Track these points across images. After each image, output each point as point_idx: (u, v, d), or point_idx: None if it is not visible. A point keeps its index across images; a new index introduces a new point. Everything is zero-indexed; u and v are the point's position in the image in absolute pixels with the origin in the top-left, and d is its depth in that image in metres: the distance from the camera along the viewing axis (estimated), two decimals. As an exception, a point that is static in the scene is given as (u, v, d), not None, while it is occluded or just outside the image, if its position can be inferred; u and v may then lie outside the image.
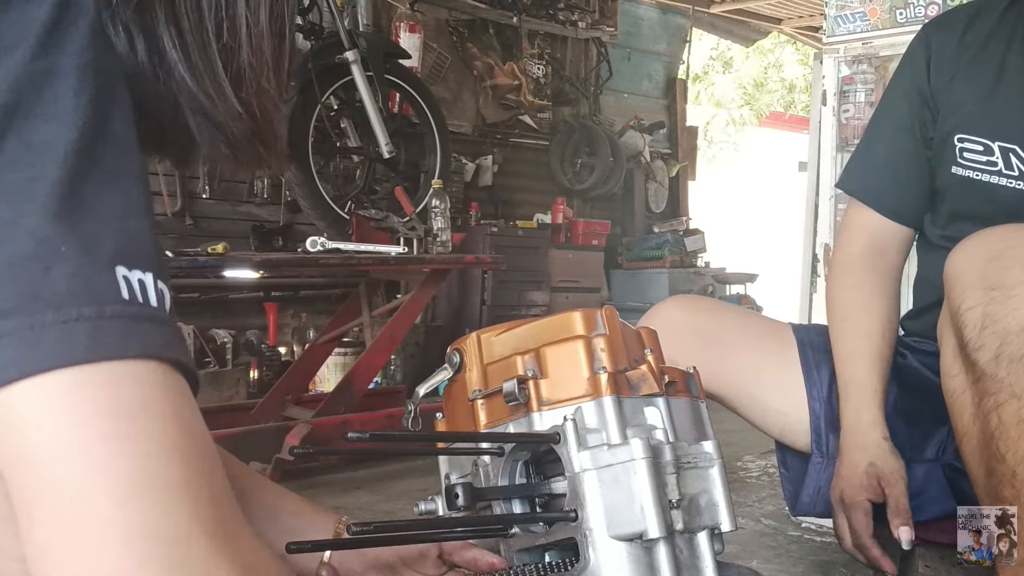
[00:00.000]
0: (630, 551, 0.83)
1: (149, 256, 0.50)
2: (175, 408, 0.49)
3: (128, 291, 0.48)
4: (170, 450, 0.47)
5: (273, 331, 4.57)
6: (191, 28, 0.57)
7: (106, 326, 0.47)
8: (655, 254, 6.65)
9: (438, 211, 3.42)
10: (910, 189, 1.44)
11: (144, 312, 0.48)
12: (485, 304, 5.24)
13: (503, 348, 0.95)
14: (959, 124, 1.36)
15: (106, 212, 0.49)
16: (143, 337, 0.48)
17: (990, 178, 1.33)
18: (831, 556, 2.07)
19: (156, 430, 0.47)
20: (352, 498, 2.61)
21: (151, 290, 0.49)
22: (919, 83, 1.42)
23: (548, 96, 6.42)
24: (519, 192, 6.29)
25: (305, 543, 0.86)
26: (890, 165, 1.46)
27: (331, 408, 2.96)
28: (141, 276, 0.49)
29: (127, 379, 0.47)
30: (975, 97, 1.34)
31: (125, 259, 0.49)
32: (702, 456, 0.91)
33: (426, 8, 5.60)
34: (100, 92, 0.50)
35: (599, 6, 6.85)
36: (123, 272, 0.48)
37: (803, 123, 8.55)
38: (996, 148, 1.31)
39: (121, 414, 0.46)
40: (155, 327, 0.49)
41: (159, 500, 0.46)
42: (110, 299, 0.47)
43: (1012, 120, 1.29)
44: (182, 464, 0.47)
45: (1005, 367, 1.05)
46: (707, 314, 1.57)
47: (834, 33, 3.91)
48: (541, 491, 0.90)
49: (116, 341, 0.47)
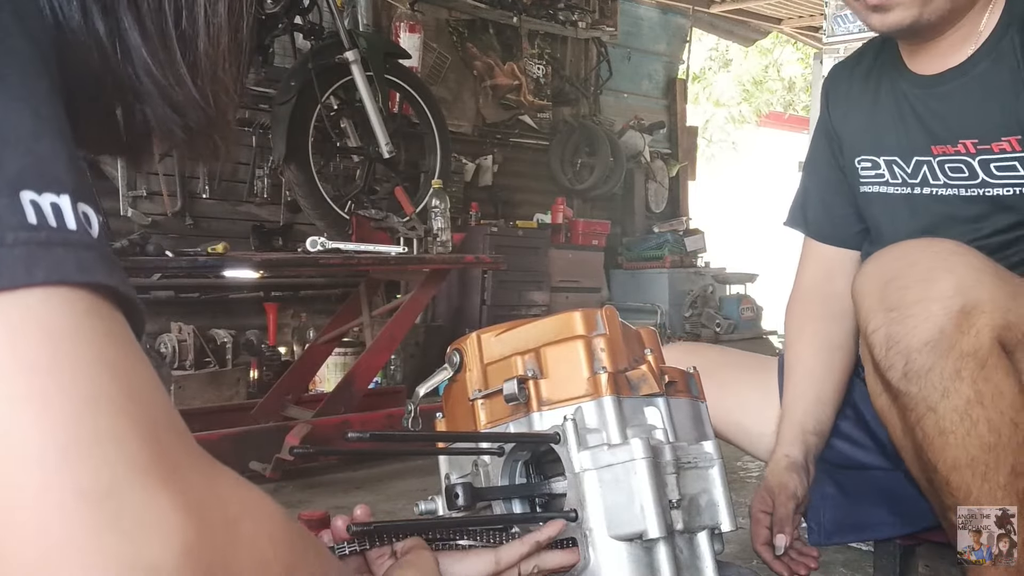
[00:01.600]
0: (630, 551, 0.83)
1: (63, 178, 0.45)
2: (94, 340, 0.44)
3: (37, 215, 0.43)
4: (87, 396, 0.43)
5: (273, 331, 4.57)
6: (150, 12, 0.54)
7: (6, 254, 0.42)
8: (655, 254, 6.66)
9: (438, 211, 3.42)
10: (842, 214, 1.55)
11: (55, 236, 0.44)
12: (485, 304, 5.24)
13: (503, 348, 0.95)
14: (854, 147, 1.50)
15: (8, 132, 0.44)
16: (53, 263, 0.43)
17: (880, 188, 1.46)
18: (831, 556, 2.07)
19: (68, 373, 0.43)
20: (352, 498, 2.61)
21: (68, 213, 0.45)
22: (827, 126, 1.57)
23: (548, 96, 6.43)
24: (519, 192, 6.29)
25: (305, 543, 0.86)
26: (820, 196, 1.59)
27: (331, 408, 2.96)
28: (55, 199, 0.44)
29: (30, 311, 0.42)
30: (861, 122, 1.49)
31: (32, 182, 0.44)
32: (702, 456, 0.91)
33: (426, 8, 5.60)
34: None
35: (599, 6, 6.85)
36: (30, 196, 0.44)
37: (803, 123, 8.56)
38: (881, 162, 1.45)
39: (25, 358, 0.42)
40: (69, 251, 0.44)
41: (80, 456, 0.42)
42: (12, 225, 0.43)
43: (887, 136, 1.44)
44: (106, 407, 0.43)
45: (916, 383, 1.13)
46: (693, 351, 1.72)
47: (834, 33, 3.92)
48: (541, 491, 0.90)
49: (18, 270, 0.42)
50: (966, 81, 1.33)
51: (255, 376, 4.19)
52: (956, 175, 1.35)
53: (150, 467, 0.44)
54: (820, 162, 1.59)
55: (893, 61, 1.44)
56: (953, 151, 1.34)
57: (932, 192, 1.39)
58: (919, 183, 1.40)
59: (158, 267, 3.21)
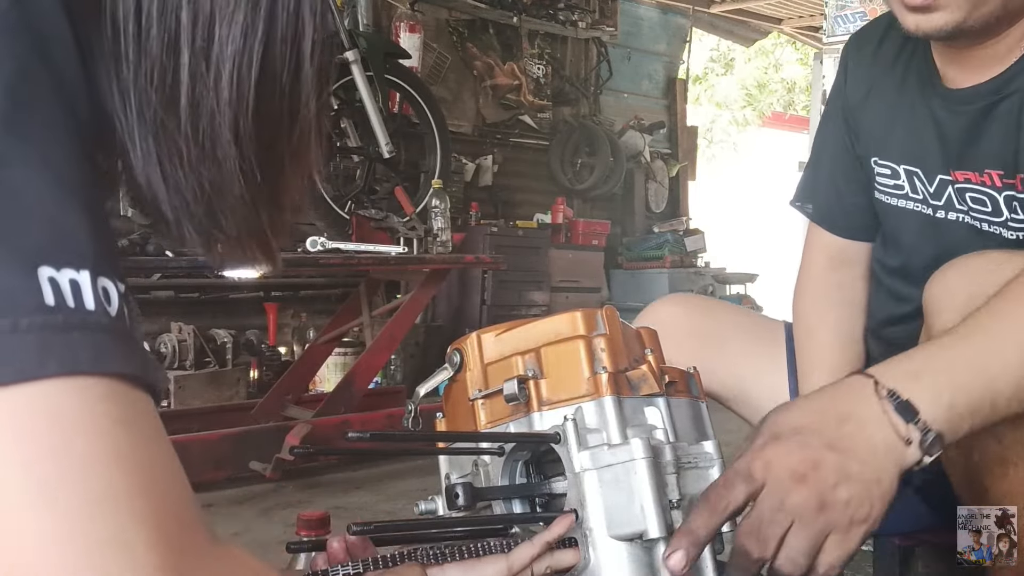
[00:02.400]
0: (630, 551, 0.83)
1: (85, 250, 0.43)
2: (106, 431, 0.41)
3: (55, 295, 0.41)
4: (95, 496, 0.40)
5: (273, 331, 4.56)
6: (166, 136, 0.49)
7: (19, 342, 0.39)
8: (655, 254, 6.66)
9: (438, 211, 3.42)
10: (857, 207, 1.43)
11: (72, 319, 0.41)
12: (485, 304, 5.24)
13: (503, 348, 0.95)
14: (872, 143, 1.37)
15: (31, 201, 0.41)
16: (68, 351, 0.41)
17: (898, 202, 1.34)
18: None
19: (76, 470, 0.40)
20: (352, 498, 2.61)
21: (87, 291, 0.42)
22: (843, 99, 1.43)
23: (548, 96, 6.43)
24: (519, 192, 6.30)
25: (304, 543, 0.86)
26: (833, 184, 1.46)
27: (331, 408, 2.96)
28: (74, 275, 0.42)
29: (39, 403, 0.40)
30: (880, 118, 1.36)
31: (52, 257, 0.41)
32: (702, 456, 0.91)
33: (426, 8, 5.60)
34: (26, 65, 0.43)
35: (599, 6, 6.85)
36: (49, 273, 0.41)
37: (803, 123, 8.56)
38: (901, 172, 1.32)
39: (32, 453, 0.40)
40: (86, 335, 0.41)
41: (84, 565, 0.40)
42: (29, 308, 0.40)
43: (909, 142, 1.30)
44: (113, 508, 0.41)
45: None
46: (703, 314, 1.57)
47: (834, 33, 3.92)
48: (541, 491, 0.90)
49: (31, 360, 0.40)
50: (997, 101, 1.19)
51: (255, 376, 4.19)
52: (978, 207, 1.23)
53: (168, 564, 0.42)
54: (832, 143, 1.45)
55: (924, 55, 1.29)
56: (978, 180, 1.22)
57: (957, 219, 1.26)
58: (943, 206, 1.27)
59: (158, 267, 3.21)
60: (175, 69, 0.48)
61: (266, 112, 0.51)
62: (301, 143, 0.54)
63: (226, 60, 0.49)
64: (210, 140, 0.50)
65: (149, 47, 0.48)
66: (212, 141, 0.50)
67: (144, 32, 0.48)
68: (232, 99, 0.50)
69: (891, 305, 1.40)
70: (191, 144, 0.50)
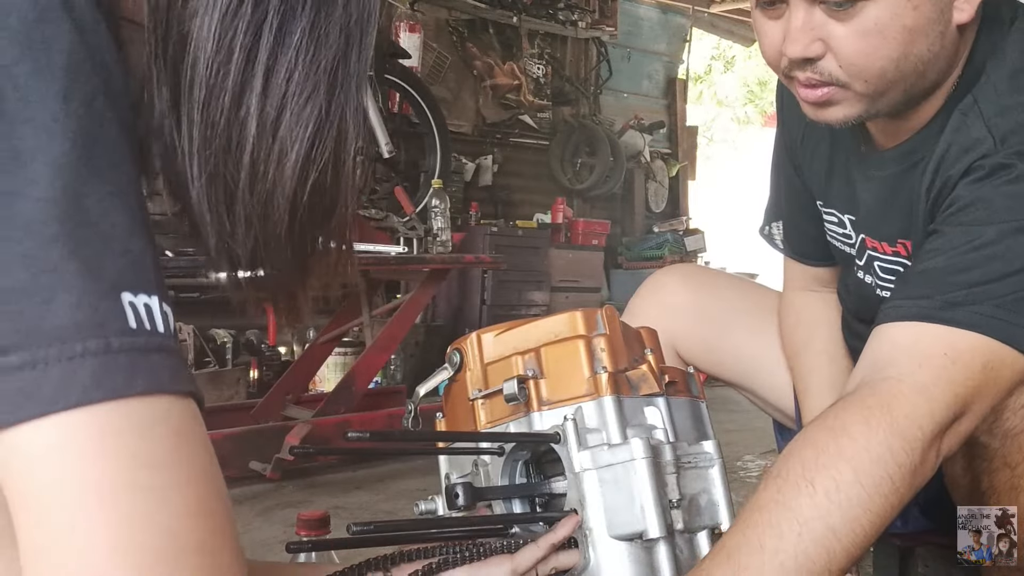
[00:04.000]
0: (630, 551, 0.83)
1: (153, 277, 0.47)
2: (180, 446, 0.46)
3: (135, 319, 0.45)
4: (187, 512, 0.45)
5: (273, 331, 4.56)
6: (220, 160, 0.53)
7: (112, 362, 0.44)
8: (655, 254, 6.66)
9: (438, 211, 3.42)
10: (816, 235, 1.40)
11: (152, 342, 0.45)
12: (485, 304, 5.24)
13: (503, 348, 0.95)
14: (816, 192, 1.35)
15: (108, 231, 0.45)
16: (151, 371, 0.45)
17: (845, 248, 1.31)
18: (831, 556, 2.06)
19: (159, 481, 0.44)
20: (352, 498, 2.61)
21: (157, 314, 0.46)
22: (785, 140, 1.40)
23: (548, 96, 6.43)
24: (519, 192, 6.29)
25: (306, 543, 0.86)
26: (792, 220, 1.45)
27: (331, 408, 2.96)
28: (147, 300, 0.46)
29: (132, 421, 0.44)
30: (821, 167, 1.31)
31: (130, 283, 0.45)
32: (702, 456, 0.91)
33: (426, 8, 5.60)
34: (93, 93, 0.46)
35: (599, 6, 6.85)
36: (128, 298, 0.45)
37: (803, 123, 8.54)
38: (846, 220, 1.29)
39: (123, 461, 0.43)
40: (163, 358, 0.46)
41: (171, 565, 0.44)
42: (116, 330, 0.44)
43: (847, 197, 1.27)
44: (189, 521, 0.46)
45: (999, 439, 1.05)
46: (710, 291, 1.54)
47: (834, 33, 3.90)
48: (541, 491, 0.90)
49: (122, 378, 0.44)
50: (900, 170, 1.15)
51: (255, 376, 4.18)
52: (887, 277, 1.22)
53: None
54: (786, 179, 1.43)
55: None
56: (891, 251, 1.21)
57: (871, 282, 1.26)
58: (863, 265, 1.27)
59: (158, 267, 3.20)
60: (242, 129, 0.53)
61: (317, 193, 0.56)
62: (339, 225, 0.59)
63: (295, 142, 0.54)
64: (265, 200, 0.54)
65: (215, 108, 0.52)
66: (267, 202, 0.55)
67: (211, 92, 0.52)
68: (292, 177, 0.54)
69: (851, 340, 1.39)
70: (247, 196, 0.54)
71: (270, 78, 0.52)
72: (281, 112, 0.53)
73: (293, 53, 0.52)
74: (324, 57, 0.54)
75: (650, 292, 1.54)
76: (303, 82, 0.53)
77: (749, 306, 1.57)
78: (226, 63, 0.51)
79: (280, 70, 0.52)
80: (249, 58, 0.51)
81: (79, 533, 0.43)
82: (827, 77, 1.03)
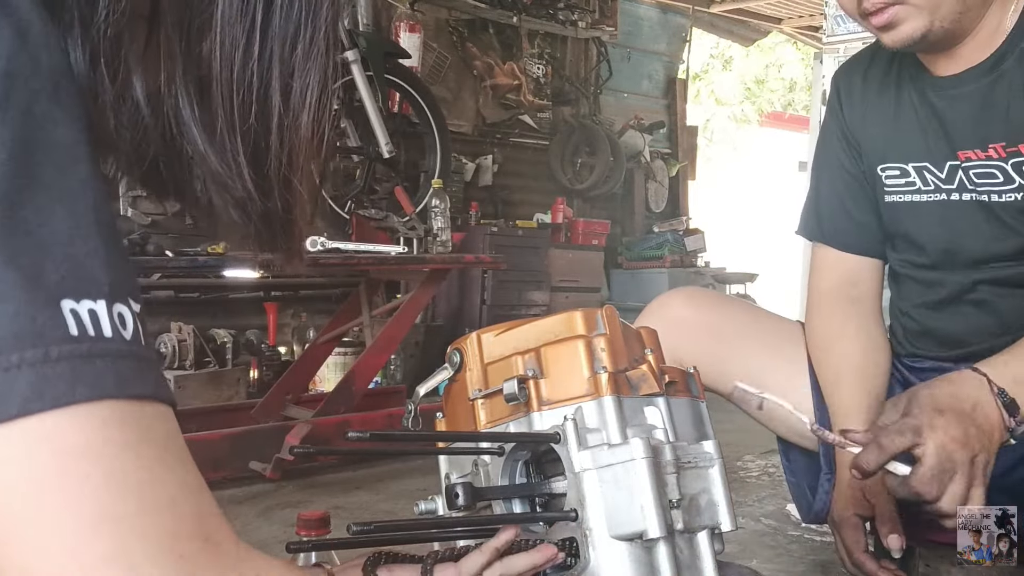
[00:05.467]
0: (630, 551, 0.83)
1: (100, 281, 0.46)
2: (112, 453, 0.45)
3: (77, 326, 0.44)
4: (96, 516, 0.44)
5: (273, 331, 4.56)
6: (220, 97, 0.56)
7: (51, 371, 0.43)
8: (655, 254, 6.66)
9: (438, 211, 3.42)
10: (863, 222, 1.48)
11: (95, 348, 0.45)
12: (485, 304, 5.24)
13: (503, 348, 0.95)
14: (876, 154, 1.44)
15: (47, 238, 0.44)
16: (93, 378, 0.44)
17: (912, 197, 1.40)
18: (831, 556, 2.06)
19: (99, 484, 0.44)
20: (352, 498, 2.61)
21: (104, 319, 0.45)
22: (840, 124, 1.50)
23: (548, 96, 6.43)
24: (519, 192, 6.29)
25: (306, 543, 0.86)
26: (839, 202, 1.51)
27: (331, 408, 2.96)
28: (92, 305, 0.45)
29: (73, 430, 0.44)
30: (883, 128, 1.43)
31: (71, 289, 0.45)
32: (702, 456, 0.91)
33: (426, 8, 5.60)
34: (34, 98, 0.45)
35: (599, 6, 6.85)
36: (70, 305, 0.44)
37: (803, 123, 8.55)
38: (911, 169, 1.39)
39: (64, 472, 0.44)
40: (108, 363, 0.45)
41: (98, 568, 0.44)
42: (56, 338, 0.44)
43: (915, 142, 1.38)
44: (119, 527, 0.45)
45: None
46: (714, 310, 1.58)
47: (834, 33, 3.91)
48: (541, 491, 0.90)
49: (63, 388, 0.43)
50: (989, 81, 1.28)
51: (255, 376, 4.18)
52: (988, 180, 1.30)
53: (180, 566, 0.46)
54: (836, 166, 1.51)
55: (913, 61, 1.38)
56: (984, 156, 1.30)
57: (971, 198, 1.33)
58: (956, 188, 1.35)
59: (158, 267, 3.21)
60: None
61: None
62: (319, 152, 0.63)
63: (309, 95, 0.59)
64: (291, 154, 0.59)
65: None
66: (292, 156, 0.60)
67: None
68: (310, 128, 0.60)
69: (924, 292, 1.46)
70: (277, 151, 0.59)
71: (284, 46, 0.57)
72: (293, 75, 0.57)
73: (295, 22, 0.57)
74: (322, 21, 0.58)
75: (655, 310, 1.55)
76: (310, 46, 0.58)
77: (753, 324, 1.60)
78: (248, 42, 0.55)
79: (289, 38, 0.57)
80: (266, 34, 0.56)
81: (18, 542, 0.43)
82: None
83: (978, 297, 1.37)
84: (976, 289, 1.37)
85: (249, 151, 0.57)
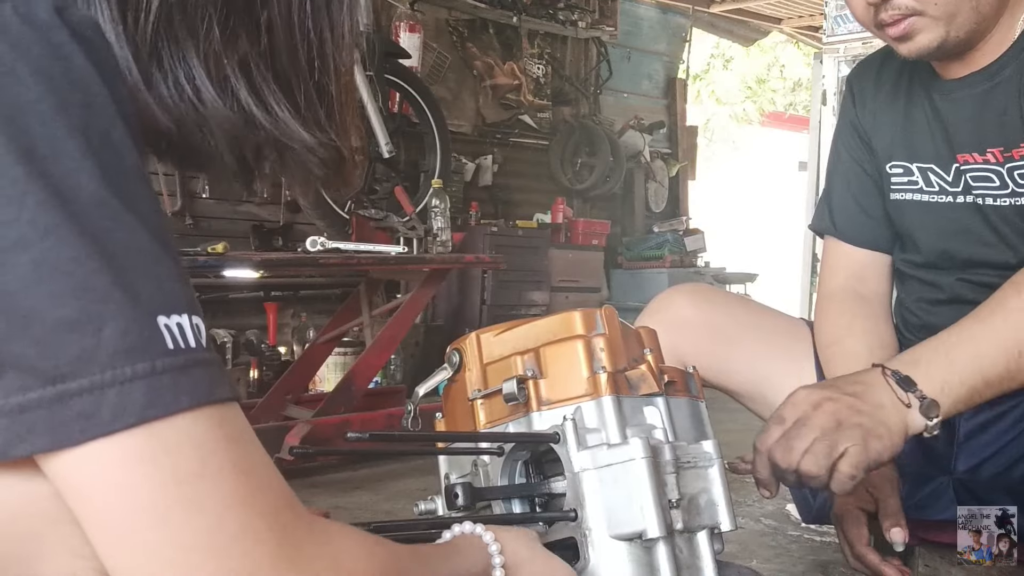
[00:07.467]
0: (630, 551, 0.83)
1: (180, 295, 0.51)
2: (227, 446, 0.51)
3: (172, 340, 0.49)
4: (228, 500, 0.50)
5: (273, 331, 4.56)
6: (290, 69, 0.62)
7: (158, 382, 0.48)
8: (655, 254, 6.65)
9: (438, 211, 3.42)
10: (874, 216, 1.51)
11: (189, 359, 0.50)
12: (485, 304, 5.24)
13: (503, 348, 0.95)
14: (885, 152, 1.47)
15: (138, 259, 0.49)
16: (193, 386, 0.50)
17: (914, 196, 1.42)
18: (831, 556, 2.07)
19: (211, 482, 0.49)
20: (352, 498, 2.61)
21: (189, 331, 0.50)
22: (854, 122, 1.53)
23: (548, 96, 6.42)
24: (519, 192, 6.29)
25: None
26: (851, 197, 1.53)
27: (331, 408, 2.96)
28: (179, 320, 0.50)
29: (182, 435, 0.49)
30: (893, 127, 1.45)
31: (162, 306, 0.49)
32: (701, 456, 0.91)
33: (426, 8, 5.59)
34: (111, 125, 0.50)
35: (599, 6, 6.85)
36: (163, 321, 0.49)
37: (803, 123, 8.55)
38: (915, 168, 1.41)
39: (176, 471, 0.48)
40: (201, 371, 0.50)
41: (226, 550, 0.49)
42: (159, 352, 0.49)
43: (924, 143, 1.40)
44: (241, 508, 0.50)
45: None
46: (718, 308, 1.57)
47: (834, 33, 3.91)
48: (541, 491, 0.90)
49: (170, 396, 0.48)
50: (989, 86, 1.30)
51: (255, 376, 4.19)
52: (985, 184, 1.32)
53: (279, 552, 0.51)
54: (850, 161, 1.54)
55: (924, 64, 1.40)
56: (982, 160, 1.31)
57: (971, 201, 1.35)
58: (961, 191, 1.37)
59: (158, 267, 3.19)
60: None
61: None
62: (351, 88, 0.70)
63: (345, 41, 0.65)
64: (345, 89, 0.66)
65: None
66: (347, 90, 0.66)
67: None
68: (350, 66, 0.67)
69: (924, 290, 1.48)
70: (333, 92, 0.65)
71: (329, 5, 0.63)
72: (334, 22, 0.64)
73: None
74: None
75: (657, 310, 1.55)
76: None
77: (758, 322, 1.59)
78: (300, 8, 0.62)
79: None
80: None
81: (140, 537, 0.48)
82: (904, 10, 1.21)
83: (974, 298, 1.37)
84: (970, 291, 1.38)
85: (324, 103, 0.64)
